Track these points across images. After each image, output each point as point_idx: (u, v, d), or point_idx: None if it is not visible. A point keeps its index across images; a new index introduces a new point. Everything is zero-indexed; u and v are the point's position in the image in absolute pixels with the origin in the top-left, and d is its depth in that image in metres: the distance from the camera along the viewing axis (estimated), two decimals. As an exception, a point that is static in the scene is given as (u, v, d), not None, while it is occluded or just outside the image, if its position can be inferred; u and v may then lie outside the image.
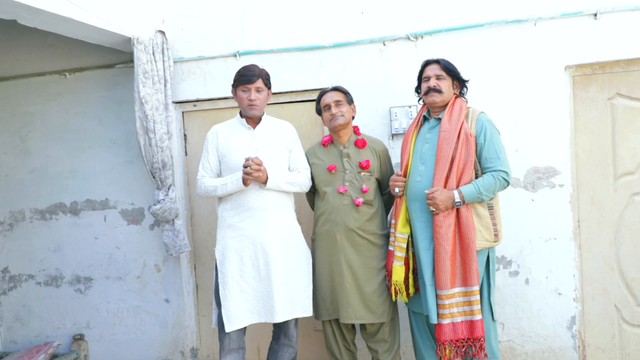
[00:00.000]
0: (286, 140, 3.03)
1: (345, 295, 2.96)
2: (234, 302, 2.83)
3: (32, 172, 4.15)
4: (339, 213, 2.98)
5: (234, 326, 2.81)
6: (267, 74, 2.98)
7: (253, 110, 2.92)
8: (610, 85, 3.26)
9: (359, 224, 2.97)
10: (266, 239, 2.87)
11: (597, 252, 3.32)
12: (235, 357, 2.95)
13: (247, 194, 2.89)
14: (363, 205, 2.98)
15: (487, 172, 2.69)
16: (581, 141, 3.31)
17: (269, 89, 3.00)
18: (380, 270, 3.00)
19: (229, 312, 2.82)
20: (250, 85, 2.89)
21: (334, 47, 3.57)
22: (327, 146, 3.12)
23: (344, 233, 2.97)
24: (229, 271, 2.87)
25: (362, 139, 3.06)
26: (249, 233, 2.89)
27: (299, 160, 3.08)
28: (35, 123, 4.12)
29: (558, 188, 3.29)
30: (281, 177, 2.91)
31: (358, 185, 2.99)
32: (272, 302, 2.83)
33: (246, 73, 2.91)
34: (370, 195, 2.99)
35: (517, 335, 3.39)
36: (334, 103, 2.99)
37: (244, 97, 2.92)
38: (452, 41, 3.40)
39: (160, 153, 3.51)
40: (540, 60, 3.29)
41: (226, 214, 2.95)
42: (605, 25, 3.18)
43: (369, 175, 3.01)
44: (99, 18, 3.15)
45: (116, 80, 3.95)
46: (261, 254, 2.86)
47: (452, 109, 2.78)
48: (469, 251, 2.60)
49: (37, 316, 4.22)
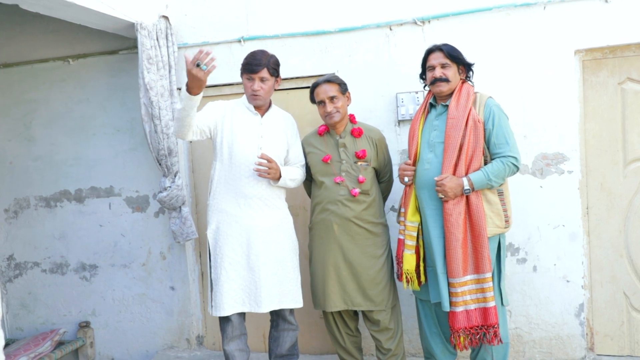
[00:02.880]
0: (287, 134, 3.02)
1: (340, 283, 2.96)
2: (221, 289, 2.84)
3: (37, 160, 4.14)
4: (336, 203, 2.96)
5: (219, 313, 2.83)
6: (275, 62, 2.90)
7: (256, 100, 2.89)
8: (621, 69, 3.20)
9: (356, 214, 2.95)
10: (258, 227, 2.88)
11: (606, 239, 3.28)
12: (238, 343, 2.96)
13: (241, 181, 2.87)
14: (360, 195, 2.95)
15: (496, 157, 2.65)
16: (590, 127, 3.27)
17: (277, 76, 2.93)
18: (379, 258, 2.99)
19: (216, 298, 2.85)
20: (254, 74, 2.83)
21: (340, 32, 3.52)
22: (323, 135, 3.08)
23: (340, 222, 2.95)
24: (219, 257, 2.87)
25: (359, 128, 3.01)
26: (241, 220, 2.88)
27: (298, 156, 3.07)
28: (39, 110, 4.10)
29: (567, 174, 3.25)
30: (289, 174, 2.91)
31: (355, 175, 2.96)
32: (259, 291, 2.84)
33: (251, 62, 2.84)
34: (367, 185, 2.97)
35: (524, 323, 3.37)
36: (328, 100, 2.93)
37: (248, 86, 2.88)
38: (459, 25, 3.34)
39: (166, 140, 3.49)
40: (550, 44, 3.23)
41: (219, 198, 2.92)
42: (616, 9, 3.11)
43: (365, 165, 2.98)
44: (101, 3, 3.12)
45: (120, 66, 3.91)
46: (252, 243, 2.87)
47: (460, 95, 2.74)
48: (481, 238, 2.58)
49: (42, 303, 4.23)
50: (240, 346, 2.98)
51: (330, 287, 2.97)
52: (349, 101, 3.06)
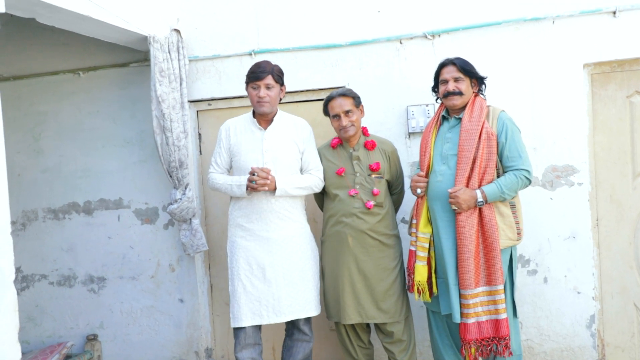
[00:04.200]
0: (298, 141, 3.02)
1: (355, 295, 2.96)
2: (238, 301, 2.89)
3: (45, 172, 4.14)
4: (350, 216, 2.97)
5: (236, 323, 2.89)
6: (279, 70, 2.95)
7: (262, 107, 2.91)
8: (629, 83, 3.25)
9: (370, 226, 2.96)
10: (273, 240, 2.91)
11: (616, 251, 3.31)
12: (251, 352, 2.94)
13: (256, 198, 2.91)
14: (374, 207, 2.96)
15: (508, 170, 2.68)
16: (600, 139, 3.30)
17: (281, 85, 2.97)
18: (392, 270, 3.00)
19: (234, 309, 2.91)
20: (259, 82, 2.88)
21: (350, 46, 3.56)
22: (336, 148, 3.10)
23: (355, 235, 2.96)
24: (236, 270, 2.93)
25: (372, 140, 3.03)
26: (257, 234, 2.93)
27: (312, 161, 3.07)
28: (48, 122, 4.11)
29: (577, 186, 3.28)
30: (290, 183, 2.91)
31: (369, 188, 2.98)
32: (278, 302, 2.88)
33: (255, 70, 2.90)
34: (381, 198, 2.99)
35: (535, 335, 3.38)
36: (343, 113, 2.95)
37: (253, 95, 2.92)
38: (469, 39, 3.39)
39: (177, 152, 3.50)
40: (559, 58, 3.27)
41: (236, 213, 3.00)
42: (624, 23, 3.17)
43: (379, 178, 3.00)
44: (116, 17, 3.14)
45: (130, 79, 3.93)
46: (268, 255, 2.90)
47: (473, 108, 2.77)
48: (493, 250, 2.60)
49: (50, 316, 4.20)
50: (253, 355, 2.96)
51: (345, 299, 2.97)
52: (363, 114, 3.08)
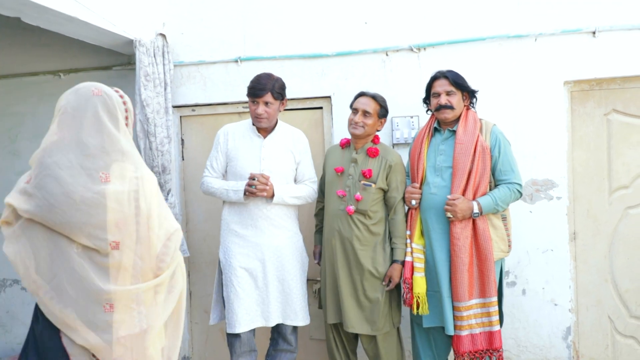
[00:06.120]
0: (294, 151, 3.03)
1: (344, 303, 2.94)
2: (232, 307, 2.87)
3: (21, 174, 3.92)
4: (335, 218, 2.97)
5: (231, 330, 2.86)
6: (279, 87, 2.92)
7: (260, 124, 2.93)
8: (607, 101, 3.35)
9: (350, 234, 2.91)
10: (265, 246, 2.91)
11: (592, 264, 3.39)
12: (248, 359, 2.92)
13: (252, 204, 2.91)
14: (357, 214, 2.92)
15: (501, 184, 2.73)
16: (578, 155, 3.39)
17: (282, 99, 2.96)
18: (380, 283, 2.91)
19: (229, 316, 2.89)
20: (258, 99, 2.87)
21: (337, 56, 3.59)
22: (344, 148, 3.11)
23: (337, 239, 2.96)
24: (229, 276, 2.91)
25: (375, 148, 2.98)
26: (250, 240, 2.92)
27: (307, 172, 3.08)
28: (25, 124, 4.02)
29: (555, 200, 3.35)
30: (287, 192, 2.92)
31: (353, 192, 2.96)
32: (268, 307, 2.89)
33: (255, 86, 2.88)
34: (365, 206, 2.89)
35: (513, 345, 3.43)
36: (361, 112, 2.94)
37: (252, 109, 2.92)
38: (454, 54, 3.44)
39: (161, 157, 3.46)
40: (540, 75, 3.35)
41: (229, 219, 2.98)
42: (603, 43, 3.27)
43: (367, 185, 2.93)
44: (103, 19, 3.11)
45: (113, 82, 3.84)
46: (260, 262, 2.90)
47: (467, 121, 2.80)
48: (487, 262, 2.64)
49: (21, 322, 4.09)
50: None
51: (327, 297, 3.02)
52: (381, 127, 3.04)
